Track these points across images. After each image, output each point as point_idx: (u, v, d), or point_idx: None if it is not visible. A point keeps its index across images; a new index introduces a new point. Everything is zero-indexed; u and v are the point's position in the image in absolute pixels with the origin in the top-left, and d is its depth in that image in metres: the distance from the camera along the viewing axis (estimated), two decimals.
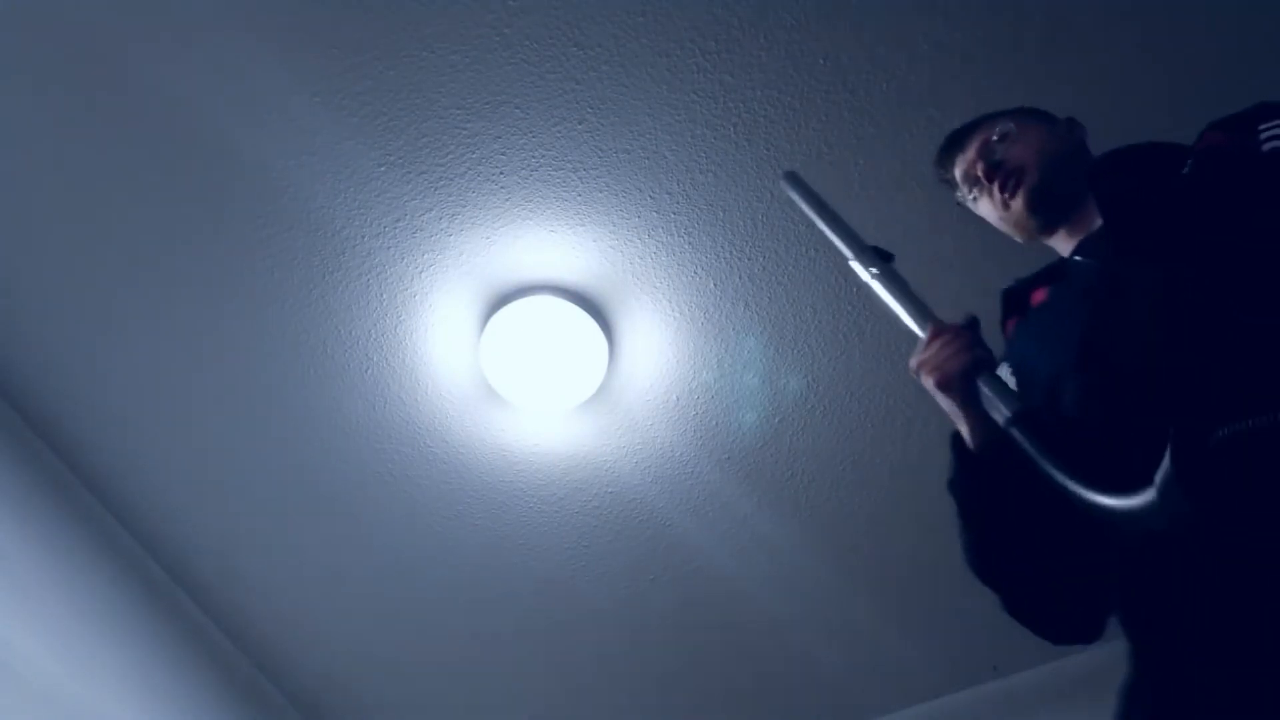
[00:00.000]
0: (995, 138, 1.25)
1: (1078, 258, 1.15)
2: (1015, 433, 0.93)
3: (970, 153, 1.28)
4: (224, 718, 2.31)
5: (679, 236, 1.88)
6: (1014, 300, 1.20)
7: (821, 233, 1.28)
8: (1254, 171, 0.95)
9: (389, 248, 1.88)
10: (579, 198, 1.83)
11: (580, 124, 1.76)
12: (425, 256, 1.90)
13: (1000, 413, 0.96)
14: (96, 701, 1.87)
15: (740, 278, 1.93)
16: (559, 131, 1.76)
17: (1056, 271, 1.18)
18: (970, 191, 1.29)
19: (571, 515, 2.25)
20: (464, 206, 1.84)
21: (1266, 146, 0.95)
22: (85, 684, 1.85)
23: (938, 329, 1.08)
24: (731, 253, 1.90)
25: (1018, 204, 1.20)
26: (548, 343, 1.96)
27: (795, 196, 1.32)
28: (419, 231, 1.87)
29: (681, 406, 2.09)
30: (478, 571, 2.34)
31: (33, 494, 1.99)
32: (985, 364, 1.02)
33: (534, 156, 1.79)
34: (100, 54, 1.65)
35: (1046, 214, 1.20)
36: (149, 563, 2.28)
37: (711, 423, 2.11)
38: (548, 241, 1.89)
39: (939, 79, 1.71)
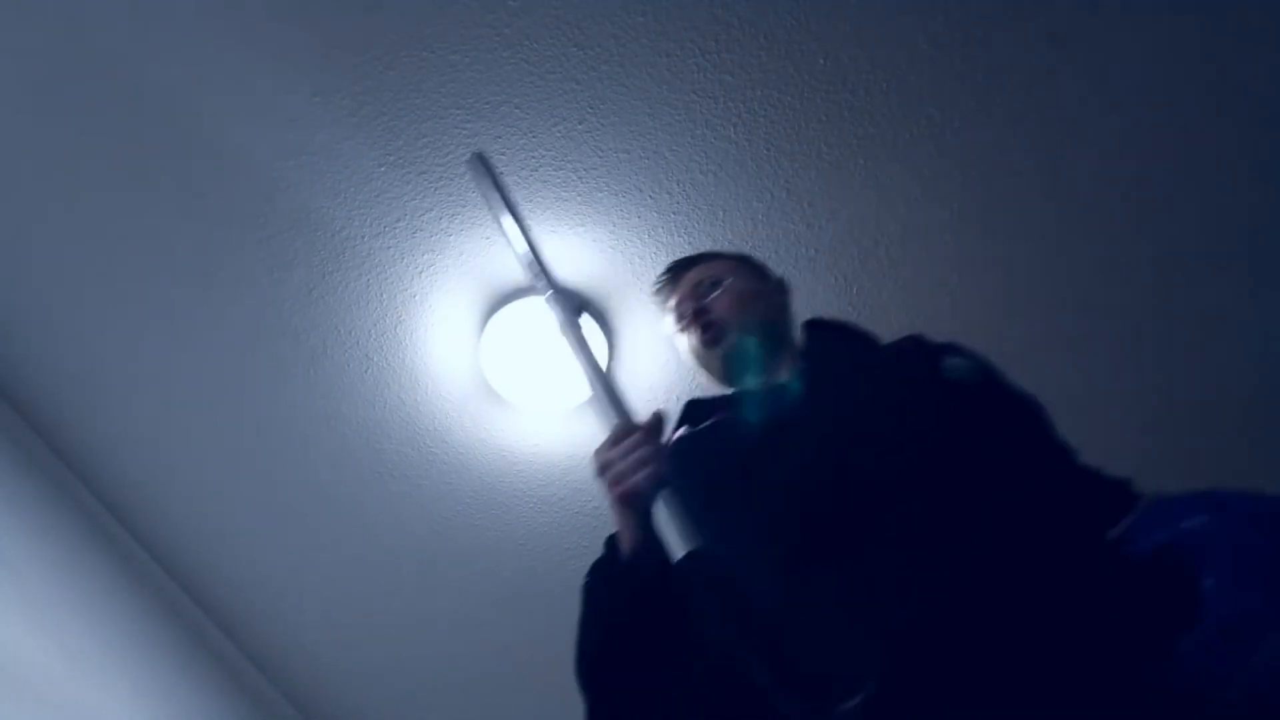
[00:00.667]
0: (708, 283, 1.30)
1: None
2: (688, 573, 0.87)
3: (683, 290, 1.33)
4: (224, 718, 2.31)
5: (679, 236, 1.88)
6: (695, 413, 1.21)
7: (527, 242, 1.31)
8: (931, 382, 1.03)
9: (389, 248, 1.88)
10: (579, 198, 1.83)
11: (580, 124, 1.76)
12: (425, 256, 1.90)
13: (676, 545, 0.89)
14: (96, 701, 1.86)
15: None
16: (559, 131, 1.76)
17: (733, 401, 1.21)
18: (677, 325, 1.34)
19: (571, 515, 2.25)
20: (464, 206, 1.84)
21: (946, 375, 1.03)
22: (85, 684, 1.85)
23: (626, 428, 1.03)
24: None
25: (714, 355, 1.26)
26: (548, 343, 1.96)
27: (484, 188, 1.30)
28: (419, 231, 1.87)
29: (682, 406, 2.09)
30: (478, 571, 2.34)
31: (33, 494, 1.99)
32: (668, 480, 0.95)
33: (534, 156, 1.79)
34: (99, 54, 1.65)
35: (736, 369, 1.25)
36: (149, 563, 2.28)
37: None
38: (548, 241, 1.89)
39: (939, 79, 1.71)
